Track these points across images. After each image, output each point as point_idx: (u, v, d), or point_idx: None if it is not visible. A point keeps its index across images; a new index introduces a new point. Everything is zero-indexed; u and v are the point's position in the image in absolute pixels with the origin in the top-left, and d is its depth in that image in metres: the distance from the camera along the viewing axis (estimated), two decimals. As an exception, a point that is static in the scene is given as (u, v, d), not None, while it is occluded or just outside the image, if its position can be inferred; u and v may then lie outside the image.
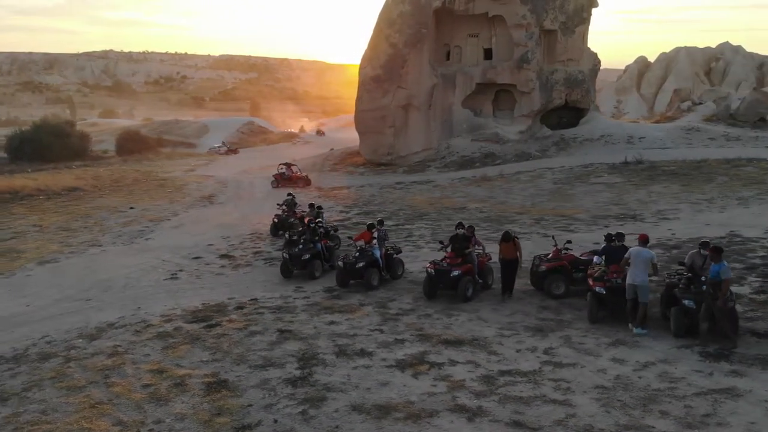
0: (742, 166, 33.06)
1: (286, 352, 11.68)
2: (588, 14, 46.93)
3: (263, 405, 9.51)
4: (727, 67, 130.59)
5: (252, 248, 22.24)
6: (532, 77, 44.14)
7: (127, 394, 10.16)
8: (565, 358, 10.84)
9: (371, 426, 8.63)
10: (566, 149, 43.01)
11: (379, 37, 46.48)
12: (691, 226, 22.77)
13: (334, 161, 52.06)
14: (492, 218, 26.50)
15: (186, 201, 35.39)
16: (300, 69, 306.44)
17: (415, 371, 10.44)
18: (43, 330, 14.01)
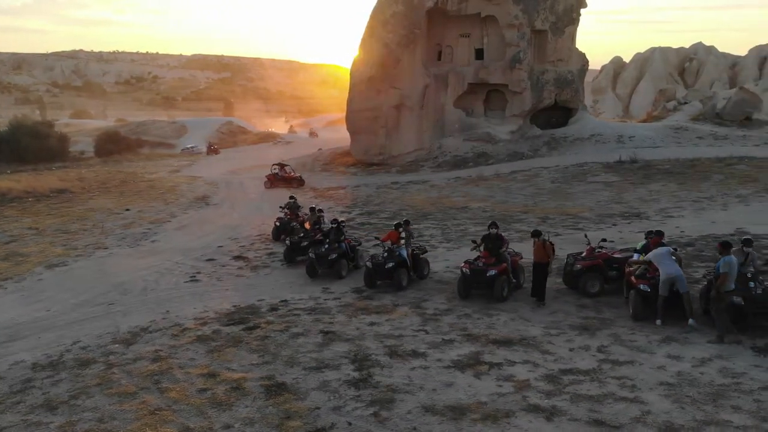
0: (735, 165, 33.65)
1: (336, 353, 11.56)
2: (577, 15, 47.39)
3: (331, 407, 9.39)
4: (700, 67, 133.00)
5: (264, 250, 22.01)
6: (524, 77, 44.43)
7: (184, 400, 9.96)
8: (621, 356, 10.89)
9: (450, 427, 8.57)
10: (557, 149, 43.36)
11: (372, 37, 46.39)
12: (698, 224, 23.08)
13: (325, 161, 51.82)
14: (497, 217, 26.46)
15: (181, 202, 34.92)
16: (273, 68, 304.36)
17: (475, 371, 10.40)
18: (72, 335, 13.71)
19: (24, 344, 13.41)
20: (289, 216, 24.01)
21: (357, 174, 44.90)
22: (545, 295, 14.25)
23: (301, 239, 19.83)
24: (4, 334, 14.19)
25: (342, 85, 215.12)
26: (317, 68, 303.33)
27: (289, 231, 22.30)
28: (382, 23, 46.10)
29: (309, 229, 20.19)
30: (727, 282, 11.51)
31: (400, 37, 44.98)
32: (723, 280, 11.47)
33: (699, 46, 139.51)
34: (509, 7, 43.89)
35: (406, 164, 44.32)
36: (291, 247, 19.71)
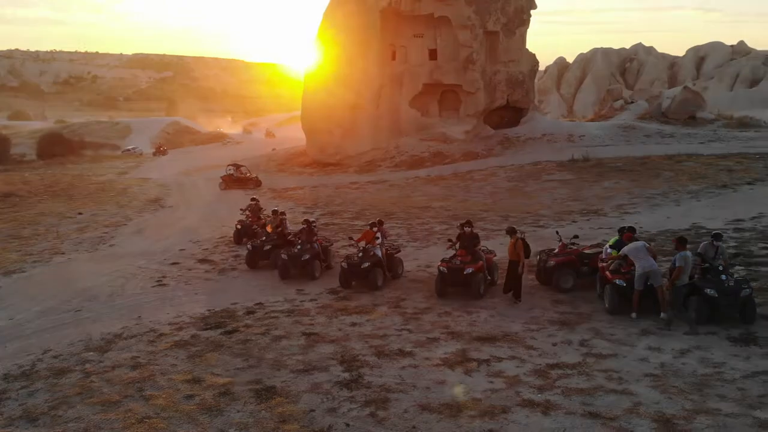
0: (684, 162, 34.77)
1: (322, 355, 11.50)
2: (527, 16, 48.21)
3: (326, 409, 9.35)
4: (640, 67, 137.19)
5: (229, 252, 21.67)
6: (477, 78, 44.94)
7: (172, 407, 9.75)
8: (603, 349, 11.17)
9: (450, 424, 8.63)
10: (511, 148, 44.04)
11: (326, 37, 46.22)
12: (654, 220, 23.80)
13: (279, 162, 51.36)
14: (459, 216, 26.71)
15: (134, 205, 34.08)
16: (217, 68, 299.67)
17: (465, 369, 10.51)
18: (42, 344, 13.21)
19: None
20: (251, 219, 23.36)
21: (314, 174, 44.66)
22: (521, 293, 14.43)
23: (264, 243, 19.30)
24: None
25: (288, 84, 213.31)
26: (262, 67, 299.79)
27: (252, 234, 21.96)
28: (335, 23, 45.97)
29: (271, 232, 19.72)
30: (682, 276, 11.98)
31: (354, 37, 44.91)
32: (678, 274, 11.96)
33: (639, 46, 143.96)
34: (462, 8, 44.33)
35: (364, 164, 44.31)
36: (253, 251, 19.14)
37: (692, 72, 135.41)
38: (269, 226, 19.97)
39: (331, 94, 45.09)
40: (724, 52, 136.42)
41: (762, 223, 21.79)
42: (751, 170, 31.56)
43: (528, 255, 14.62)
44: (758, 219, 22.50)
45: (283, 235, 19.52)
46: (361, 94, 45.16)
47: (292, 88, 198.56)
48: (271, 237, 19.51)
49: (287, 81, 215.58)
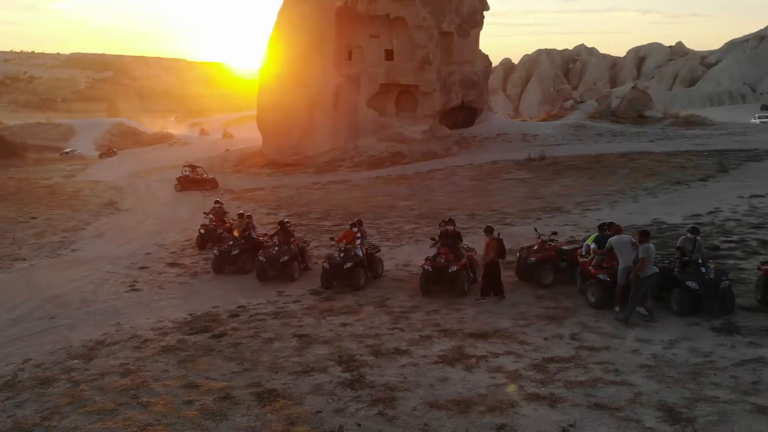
0: (637, 159, 35.85)
1: (318, 356, 11.45)
2: (481, 17, 48.88)
3: (333, 410, 9.32)
4: (583, 67, 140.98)
5: (198, 255, 21.29)
6: (434, 78, 45.33)
7: (173, 413, 9.56)
8: (595, 342, 11.46)
9: (461, 420, 8.73)
10: (468, 148, 44.58)
11: (281, 36, 45.86)
12: (615, 216, 24.23)
13: (234, 162, 50.66)
14: (426, 215, 27.04)
15: (89, 209, 33.14)
16: (159, 67, 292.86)
17: (465, 365, 10.63)
18: (20, 353, 12.74)
19: (-36, 366, 12.33)
20: (215, 223, 22.52)
21: (272, 175, 44.23)
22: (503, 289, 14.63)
23: (231, 247, 18.68)
24: (-64, 356, 13.00)
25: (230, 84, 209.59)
26: (205, 66, 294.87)
27: (217, 238, 21.42)
28: (290, 22, 45.68)
29: (238, 236, 19.06)
30: (645, 267, 12.42)
31: (309, 37, 44.71)
32: (641, 266, 12.38)
33: (581, 47, 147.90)
34: (418, 8, 44.64)
35: (323, 164, 44.14)
36: (220, 256, 18.53)
37: (633, 72, 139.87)
38: (236, 230, 19.39)
39: (288, 93, 44.79)
40: (663, 53, 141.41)
41: (719, 218, 22.67)
42: (702, 167, 32.76)
43: (503, 255, 14.84)
44: (715, 214, 23.39)
45: (250, 238, 19.13)
46: (319, 94, 45.00)
47: (236, 88, 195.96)
48: (238, 241, 18.88)
49: (231, 80, 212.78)
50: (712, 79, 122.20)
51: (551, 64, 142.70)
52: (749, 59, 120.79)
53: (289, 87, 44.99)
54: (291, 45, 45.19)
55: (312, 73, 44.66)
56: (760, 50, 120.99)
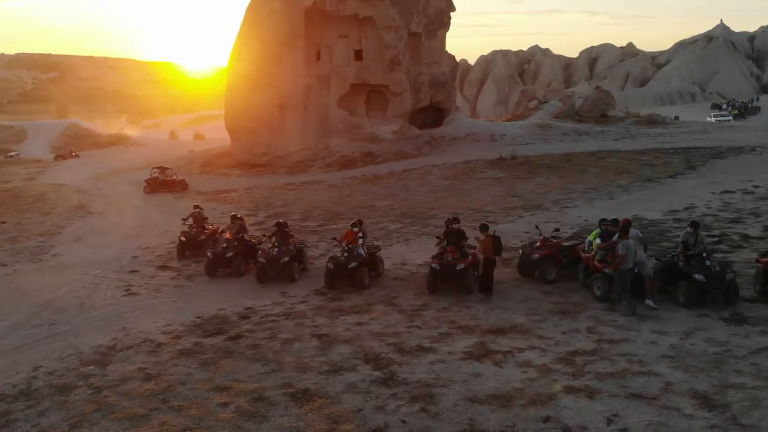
0: (606, 158, 36.77)
1: (343, 355, 11.47)
2: (448, 18, 49.33)
3: (373, 408, 9.38)
4: (538, 68, 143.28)
5: (188, 258, 20.97)
6: (404, 78, 45.55)
7: (210, 416, 9.47)
8: (612, 335, 11.78)
9: (505, 414, 8.89)
10: (438, 148, 44.96)
11: (249, 35, 45.41)
12: (594, 213, 24.92)
13: (201, 163, 49.93)
14: (408, 215, 27.20)
15: (59, 213, 32.30)
16: (107, 67, 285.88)
17: (494, 360, 10.80)
18: (27, 361, 12.38)
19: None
20: (195, 229, 21.10)
21: (242, 175, 43.77)
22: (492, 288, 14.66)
23: (225, 249, 18.25)
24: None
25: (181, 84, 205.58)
26: (153, 66, 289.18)
27: (198, 246, 20.53)
28: (258, 21, 45.27)
29: (231, 238, 18.70)
30: (625, 262, 12.87)
31: (278, 36, 44.43)
32: (621, 261, 12.92)
33: (536, 48, 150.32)
34: (387, 9, 44.79)
35: (294, 164, 43.90)
36: (214, 259, 18.14)
37: (586, 72, 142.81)
38: (229, 233, 18.94)
39: (258, 93, 44.43)
40: (614, 54, 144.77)
41: (696, 213, 23.44)
42: (670, 164, 33.84)
43: (500, 252, 15.07)
44: (691, 209, 24.22)
45: (243, 240, 18.87)
46: (289, 94, 44.76)
47: (187, 88, 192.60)
48: (231, 243, 18.50)
49: (181, 80, 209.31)
50: (663, 79, 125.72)
51: (506, 65, 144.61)
52: (698, 60, 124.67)
53: (258, 87, 44.61)
54: (260, 44, 44.80)
55: (282, 72, 44.41)
56: (708, 51, 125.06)
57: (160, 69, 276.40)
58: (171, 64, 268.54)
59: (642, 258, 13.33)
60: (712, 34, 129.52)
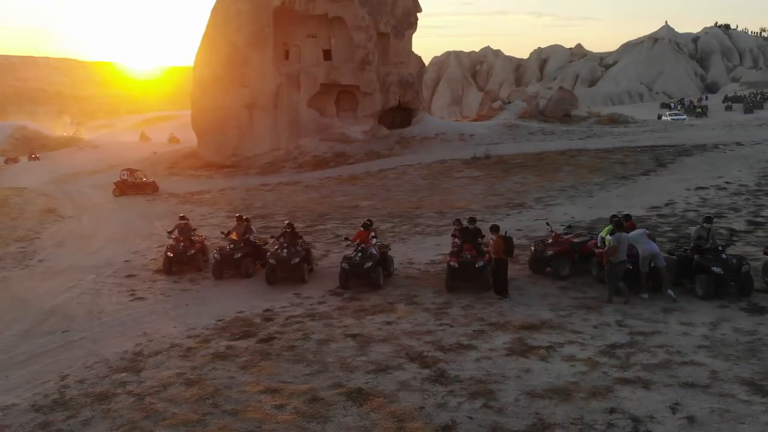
0: (577, 156, 37.62)
1: (384, 354, 11.50)
2: (415, 18, 49.65)
3: (434, 405, 9.44)
4: (490, 69, 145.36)
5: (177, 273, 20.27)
6: (374, 78, 45.65)
7: (270, 419, 9.37)
8: (643, 328, 12.13)
9: (570, 407, 9.08)
10: (409, 147, 45.24)
11: (216, 34, 44.76)
12: (579, 210, 25.68)
13: (166, 165, 48.94)
14: (395, 214, 27.33)
15: (29, 217, 31.22)
16: (48, 67, 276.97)
17: (538, 356, 11.00)
18: (47, 370, 11.98)
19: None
20: (182, 243, 19.04)
21: (212, 177, 43.08)
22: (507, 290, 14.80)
23: (233, 251, 17.96)
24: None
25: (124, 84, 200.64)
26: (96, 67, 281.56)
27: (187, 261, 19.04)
28: (226, 21, 44.70)
29: (238, 239, 18.40)
30: (617, 254, 13.50)
31: (247, 36, 43.97)
32: (613, 252, 13.51)
33: (488, 50, 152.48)
34: (356, 9, 44.82)
35: (265, 165, 43.49)
36: (221, 261, 17.80)
37: (537, 73, 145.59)
38: (235, 233, 18.73)
39: (226, 93, 43.88)
40: (563, 55, 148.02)
41: (677, 209, 24.30)
42: (641, 162, 34.82)
43: (511, 253, 15.31)
44: (672, 206, 25.06)
45: (249, 242, 18.65)
46: (258, 93, 44.33)
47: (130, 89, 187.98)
48: (238, 244, 18.25)
49: (124, 81, 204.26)
50: (611, 79, 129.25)
51: (459, 66, 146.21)
52: (644, 60, 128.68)
53: (226, 86, 44.06)
54: (227, 44, 44.24)
55: (251, 72, 43.97)
56: (654, 52, 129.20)
57: (102, 69, 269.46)
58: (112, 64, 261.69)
59: (654, 250, 13.75)
60: (658, 35, 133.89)
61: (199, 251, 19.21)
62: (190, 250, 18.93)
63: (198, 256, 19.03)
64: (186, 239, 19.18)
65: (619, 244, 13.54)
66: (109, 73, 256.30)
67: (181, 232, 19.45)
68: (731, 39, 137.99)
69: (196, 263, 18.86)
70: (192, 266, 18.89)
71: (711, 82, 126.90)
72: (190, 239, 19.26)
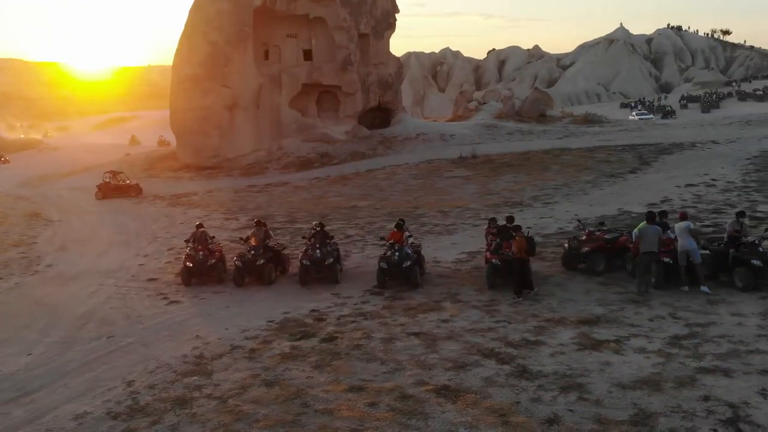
0: (561, 156, 38.43)
1: (457, 352, 11.63)
2: (393, 19, 49.90)
3: (529, 399, 9.61)
4: (450, 70, 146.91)
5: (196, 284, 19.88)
6: (356, 79, 45.69)
7: (368, 417, 9.41)
8: (696, 319, 12.57)
9: (664, 397, 9.37)
10: (392, 148, 45.45)
11: (195, 34, 44.10)
12: (579, 207, 26.23)
13: (143, 167, 47.97)
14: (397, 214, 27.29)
15: (15, 222, 30.36)
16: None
17: (612, 349, 11.29)
18: (107, 377, 11.73)
19: (55, 395, 11.15)
20: (202, 251, 18.14)
21: (194, 178, 42.43)
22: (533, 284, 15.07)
23: (256, 257, 17.42)
24: (6, 388, 11.69)
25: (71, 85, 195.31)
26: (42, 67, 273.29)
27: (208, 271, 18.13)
28: (206, 20, 44.10)
29: (257, 245, 17.85)
30: (642, 246, 14.19)
31: (228, 35, 43.47)
32: (637, 243, 14.33)
33: (447, 51, 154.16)
34: (338, 9, 44.81)
35: (247, 166, 43.07)
36: (243, 268, 17.30)
37: (495, 74, 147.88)
38: (254, 239, 18.13)
39: (207, 94, 43.26)
40: (521, 56, 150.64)
41: (676, 206, 24.98)
42: (625, 161, 35.81)
43: (533, 253, 15.66)
44: (668, 202, 25.82)
45: (269, 247, 18.13)
46: (240, 94, 43.88)
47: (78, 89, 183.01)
48: (258, 251, 17.62)
49: (71, 81, 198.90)
50: (569, 80, 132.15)
51: (420, 66, 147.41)
52: (600, 61, 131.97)
53: (207, 86, 43.45)
54: (208, 43, 43.65)
55: (232, 72, 43.49)
56: (610, 53, 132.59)
57: (49, 70, 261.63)
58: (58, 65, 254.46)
59: (693, 247, 14.25)
60: (613, 37, 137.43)
61: (219, 260, 18.42)
62: (210, 259, 18.02)
63: (218, 265, 18.22)
64: (204, 248, 18.26)
65: (642, 236, 14.05)
66: (55, 73, 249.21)
67: (198, 240, 18.53)
68: (683, 40, 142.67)
69: (216, 273, 18.06)
70: (212, 277, 18.04)
71: (665, 82, 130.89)
72: (207, 248, 18.31)
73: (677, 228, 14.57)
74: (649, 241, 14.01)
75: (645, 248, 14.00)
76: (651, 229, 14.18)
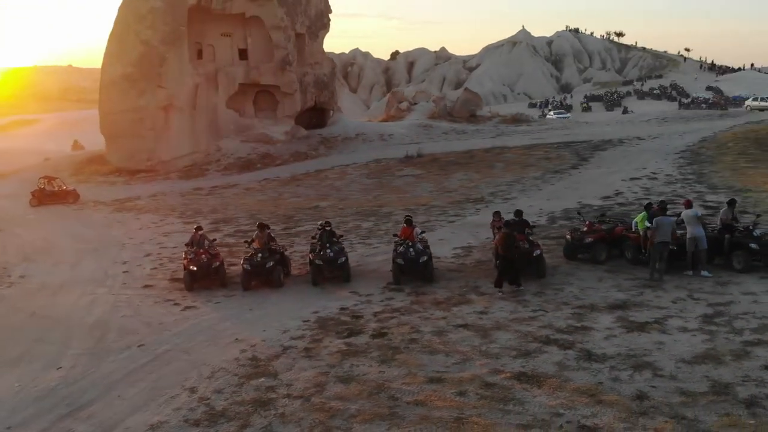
0: (502, 154, 39.77)
1: (513, 341, 12.11)
2: (327, 20, 49.94)
3: (610, 379, 10.21)
4: (361, 71, 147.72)
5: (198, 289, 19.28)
6: (294, 79, 45.39)
7: (466, 405, 9.72)
8: (715, 299, 13.67)
9: (730, 368, 10.24)
10: (334, 148, 45.47)
11: (127, 33, 42.34)
12: (539, 203, 27.32)
13: (69, 171, 45.43)
14: (365, 213, 27.55)
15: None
16: None
17: (658, 330, 12.13)
18: (168, 384, 11.39)
19: (114, 408, 10.75)
20: (205, 255, 17.76)
21: (129, 182, 40.66)
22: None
23: (264, 260, 17.08)
24: (55, 404, 11.14)
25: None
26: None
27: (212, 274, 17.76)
28: (138, 19, 42.45)
29: (260, 248, 17.49)
30: (657, 236, 15.25)
31: (162, 34, 42.03)
32: (653, 234, 15.27)
33: (357, 51, 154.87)
34: (275, 8, 44.35)
35: (185, 169, 41.82)
36: (252, 271, 16.98)
37: (405, 75, 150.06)
38: (257, 242, 17.71)
39: (141, 94, 41.66)
40: (429, 57, 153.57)
41: (629, 198, 26.64)
42: (564, 158, 37.52)
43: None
44: (621, 195, 27.40)
45: (274, 250, 17.82)
46: (175, 94, 42.48)
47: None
48: (265, 253, 17.28)
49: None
50: (476, 81, 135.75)
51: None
52: (505, 63, 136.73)
53: (140, 87, 41.81)
54: (140, 42, 42.03)
55: (167, 72, 42.04)
56: (514, 55, 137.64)
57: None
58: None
59: (701, 234, 15.44)
60: (516, 39, 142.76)
61: (222, 263, 18.02)
62: (214, 262, 17.63)
63: (222, 268, 17.87)
64: (206, 251, 17.83)
65: (659, 227, 15.09)
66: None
67: (198, 244, 18.13)
68: (581, 42, 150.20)
69: (220, 277, 17.71)
70: (215, 280, 17.63)
71: (565, 83, 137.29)
72: (208, 252, 17.87)
73: (685, 215, 15.67)
74: (665, 231, 15.01)
75: (660, 238, 14.99)
76: (666, 220, 15.23)
